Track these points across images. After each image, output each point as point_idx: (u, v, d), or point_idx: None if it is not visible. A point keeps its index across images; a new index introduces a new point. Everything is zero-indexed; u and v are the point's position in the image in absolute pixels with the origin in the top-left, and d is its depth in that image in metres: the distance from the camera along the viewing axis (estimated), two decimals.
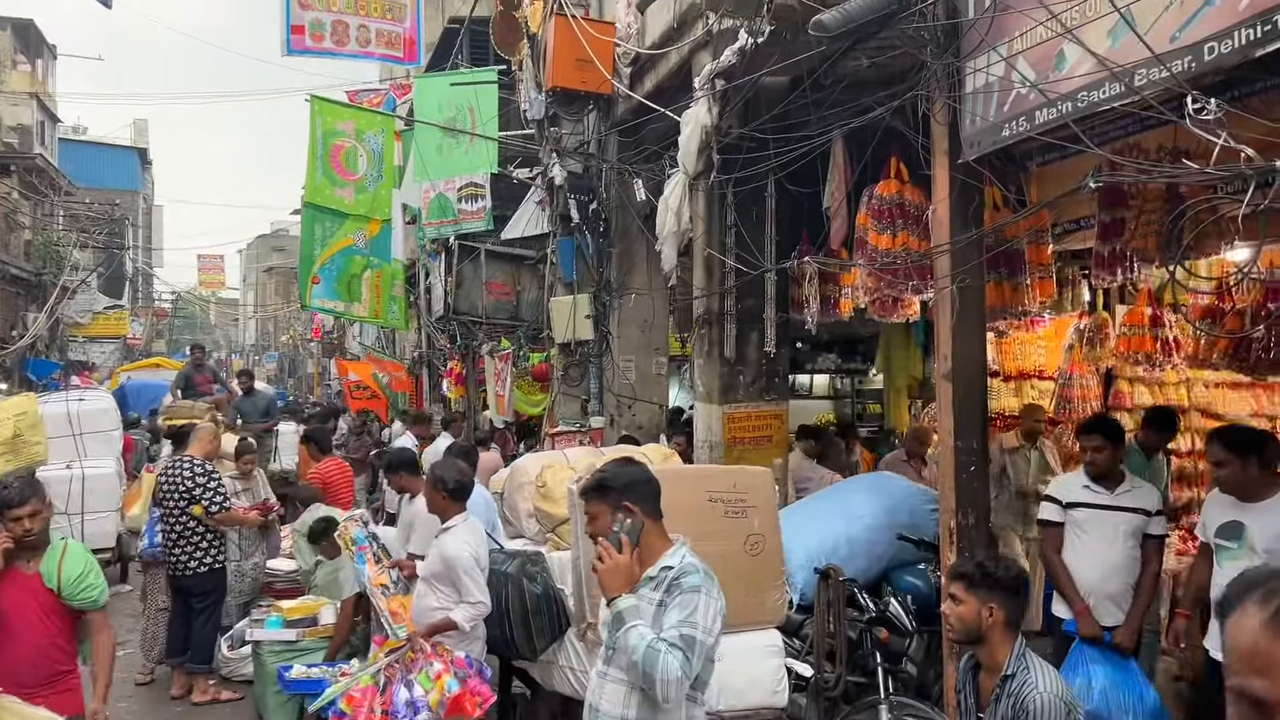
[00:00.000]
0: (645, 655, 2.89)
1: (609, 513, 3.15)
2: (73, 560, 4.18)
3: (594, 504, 3.22)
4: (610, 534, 3.09)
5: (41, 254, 29.04)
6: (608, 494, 3.19)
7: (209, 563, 7.05)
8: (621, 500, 3.15)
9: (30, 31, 33.29)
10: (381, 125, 12.68)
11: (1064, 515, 5.18)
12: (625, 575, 3.05)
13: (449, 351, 18.99)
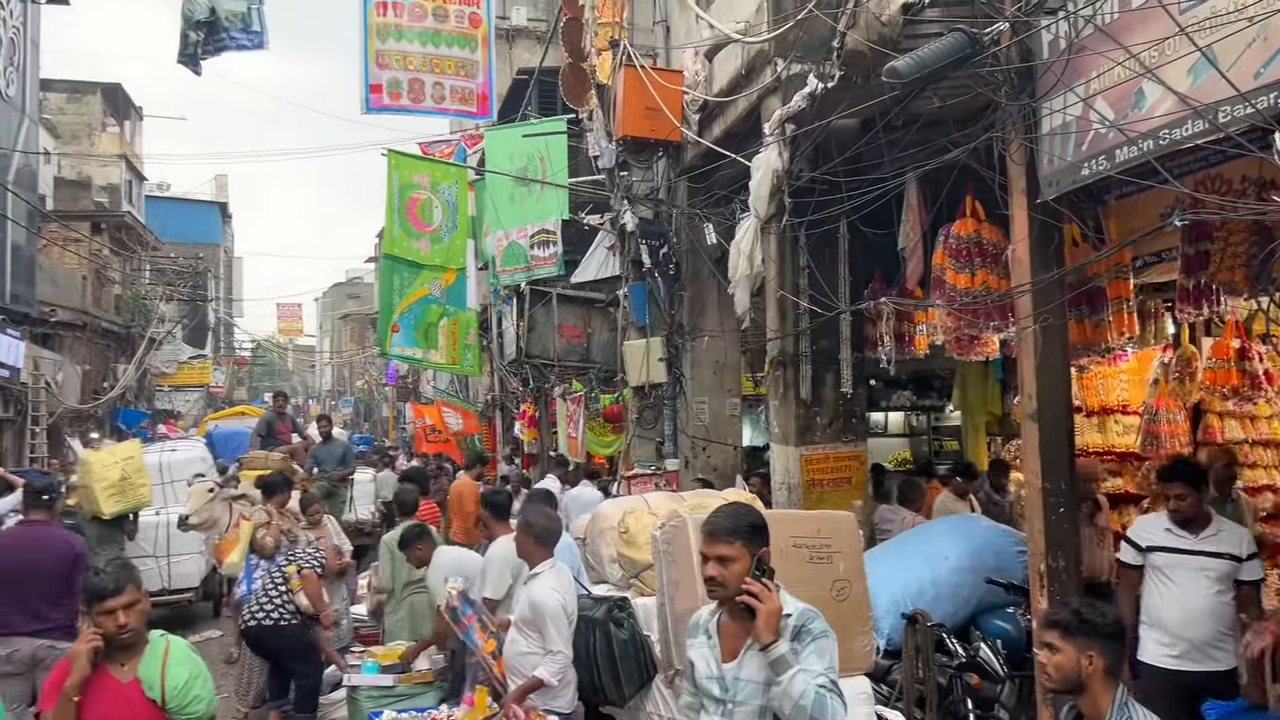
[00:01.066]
0: (815, 701, 2.89)
1: (749, 556, 3.08)
2: (178, 665, 3.59)
3: (735, 546, 3.08)
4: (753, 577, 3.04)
5: (130, 307, 30.18)
6: (755, 536, 3.11)
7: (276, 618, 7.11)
8: (763, 544, 3.11)
9: (119, 95, 34.82)
10: (455, 177, 13.03)
11: (1142, 558, 5.05)
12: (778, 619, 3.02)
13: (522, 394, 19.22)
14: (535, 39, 21.97)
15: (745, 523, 3.14)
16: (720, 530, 3.11)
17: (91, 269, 27.09)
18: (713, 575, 3.09)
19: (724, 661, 3.14)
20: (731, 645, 3.14)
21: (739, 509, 3.28)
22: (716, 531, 3.12)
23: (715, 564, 3.08)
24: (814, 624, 3.06)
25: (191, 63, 10.45)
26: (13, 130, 20.26)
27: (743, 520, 3.15)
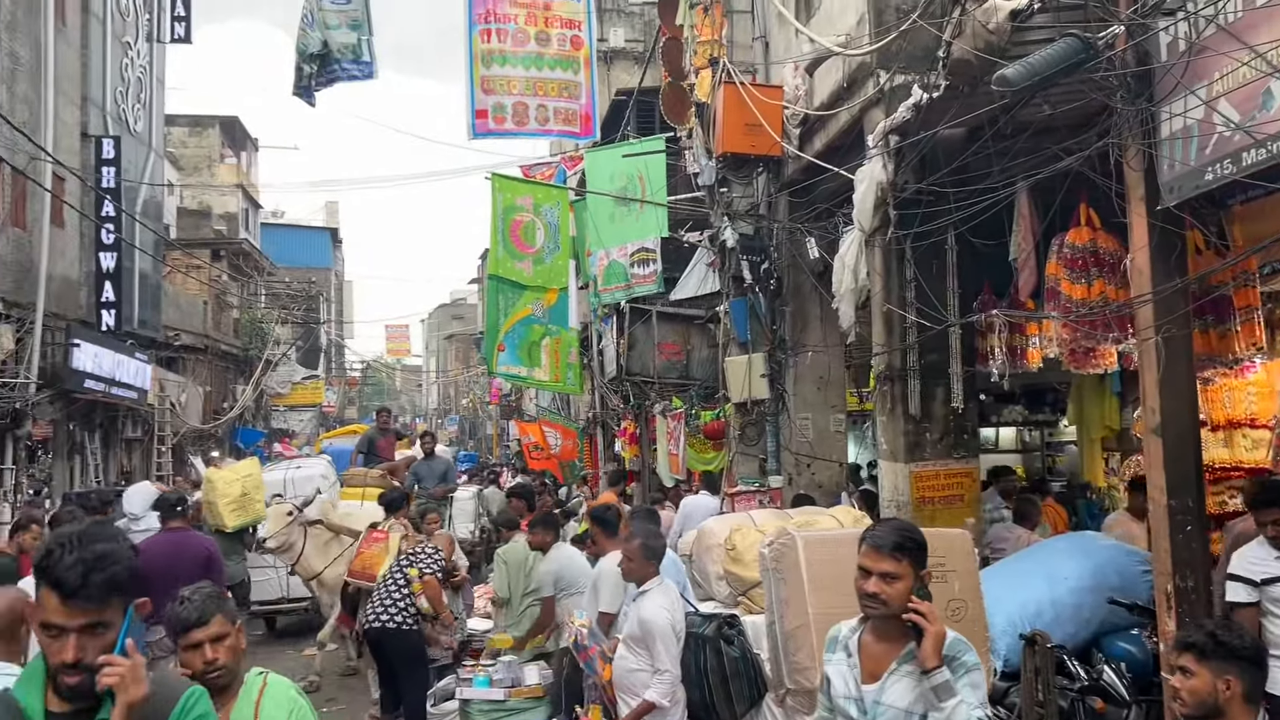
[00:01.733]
0: None
1: (913, 575, 2.98)
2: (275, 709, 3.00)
3: (902, 564, 2.96)
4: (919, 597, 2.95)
5: (248, 331, 31.47)
6: (920, 556, 3.00)
7: (411, 623, 7.32)
8: (924, 565, 3.02)
9: (236, 127, 36.43)
10: (557, 198, 13.24)
11: (1258, 594, 4.75)
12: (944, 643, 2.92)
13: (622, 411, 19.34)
14: (633, 59, 22.21)
15: (913, 540, 3.01)
16: (887, 545, 2.97)
17: (212, 294, 28.34)
18: (874, 591, 2.94)
19: (864, 683, 3.03)
20: (872, 667, 3.03)
21: (904, 525, 3.15)
22: (882, 546, 2.98)
23: (878, 580, 2.94)
24: (966, 655, 2.94)
25: (306, 94, 10.89)
26: (140, 164, 21.36)
27: (910, 537, 3.02)
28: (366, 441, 13.75)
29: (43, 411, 16.65)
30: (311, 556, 9.55)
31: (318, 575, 9.59)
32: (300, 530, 9.41)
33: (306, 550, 9.52)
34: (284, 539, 9.26)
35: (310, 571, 9.60)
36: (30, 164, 15.56)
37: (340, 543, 9.62)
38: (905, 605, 2.92)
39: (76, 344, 16.85)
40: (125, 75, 21.09)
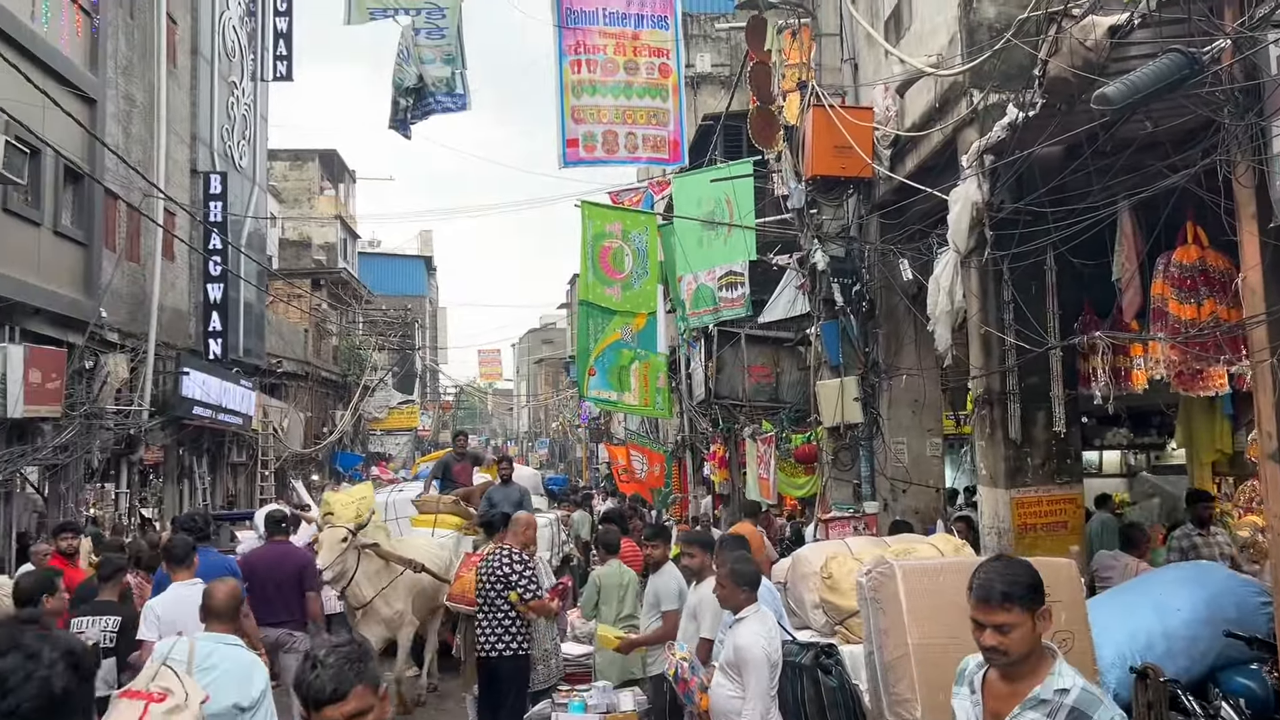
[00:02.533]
0: None
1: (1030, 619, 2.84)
2: None
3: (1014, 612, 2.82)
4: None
5: (346, 357, 32.35)
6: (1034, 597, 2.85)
7: (515, 648, 7.40)
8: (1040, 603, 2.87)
9: (334, 160, 37.63)
10: (645, 224, 13.34)
11: None
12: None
13: (711, 435, 19.30)
14: (719, 84, 22.29)
15: (1020, 584, 2.86)
16: (994, 597, 2.83)
17: (312, 322, 29.24)
18: (992, 645, 2.83)
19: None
20: (995, 707, 2.91)
21: (1010, 569, 2.97)
22: (990, 598, 2.84)
23: (994, 633, 2.83)
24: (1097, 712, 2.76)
25: (402, 127, 11.21)
26: (245, 197, 22.22)
27: (1018, 582, 2.87)
28: (442, 466, 13.07)
29: (154, 437, 17.36)
30: (362, 583, 8.93)
31: (366, 604, 9.00)
32: (354, 555, 8.88)
33: (357, 576, 8.93)
34: (340, 568, 8.64)
35: (359, 599, 8.99)
36: (144, 200, 16.32)
37: (390, 571, 9.12)
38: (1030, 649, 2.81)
39: (186, 372, 17.56)
40: (231, 113, 22.01)
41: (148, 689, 4.12)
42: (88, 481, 15.06)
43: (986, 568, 3.00)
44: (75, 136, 13.36)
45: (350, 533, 8.69)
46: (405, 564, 9.10)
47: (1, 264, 12.32)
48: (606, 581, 7.79)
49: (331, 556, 8.48)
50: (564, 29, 10.68)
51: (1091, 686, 2.84)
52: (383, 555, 9.05)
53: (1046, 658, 2.85)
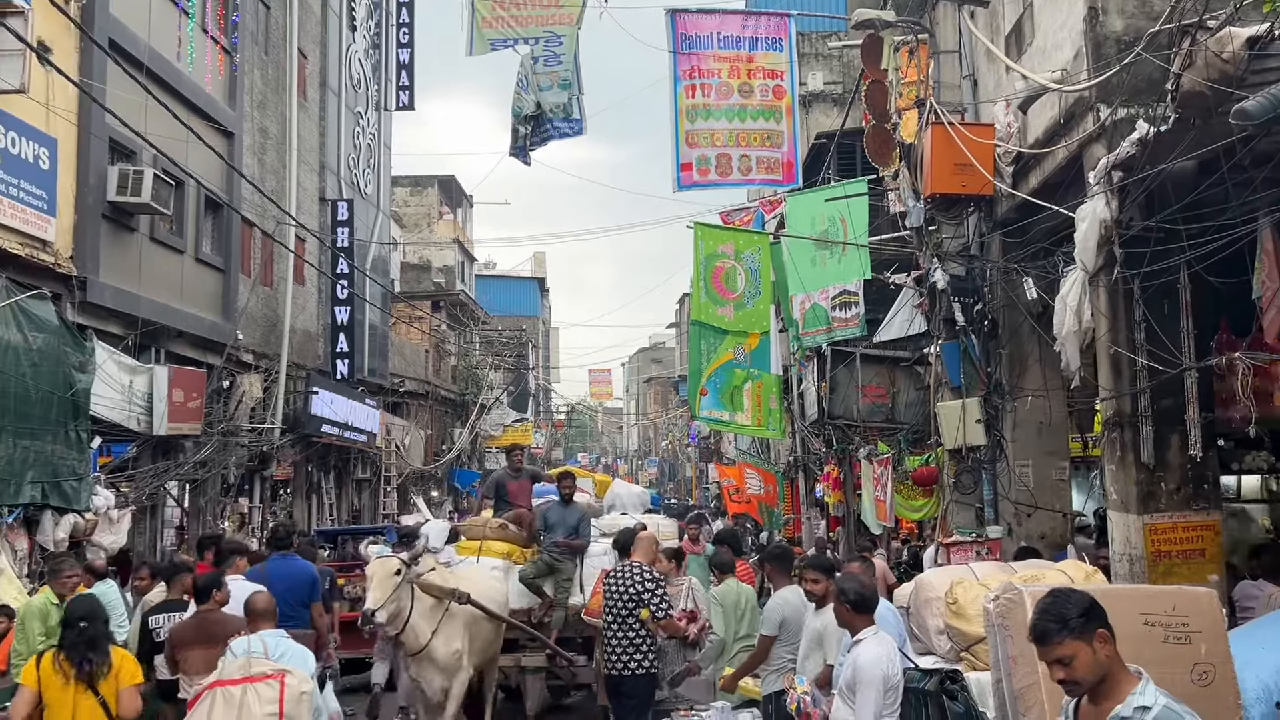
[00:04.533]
0: None
1: (1089, 644, 2.93)
2: None
3: (1069, 644, 2.94)
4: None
5: (464, 376, 33.20)
6: (1088, 623, 2.94)
7: (646, 666, 7.48)
8: (1097, 628, 2.95)
9: (453, 186, 38.73)
10: (758, 244, 13.37)
11: None
12: None
13: (825, 456, 19.09)
14: (832, 102, 22.16)
15: (1067, 617, 2.98)
16: (1049, 634, 2.98)
17: (432, 343, 30.11)
18: (1062, 679, 2.99)
19: None
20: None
21: (1056, 602, 3.08)
22: (1042, 639, 3.00)
23: (1059, 667, 2.98)
24: None
25: (521, 154, 11.54)
26: (369, 223, 23.09)
27: (1064, 615, 2.99)
28: (494, 485, 10.93)
29: (285, 454, 18.13)
30: (419, 624, 7.54)
31: (424, 648, 7.60)
32: (409, 591, 7.44)
33: (413, 617, 7.49)
34: (394, 606, 7.20)
35: (417, 643, 7.57)
36: (277, 228, 17.14)
37: (440, 606, 7.74)
38: (1099, 673, 2.92)
39: (315, 391, 18.31)
40: (357, 142, 22.93)
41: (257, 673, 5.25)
42: (224, 496, 15.81)
43: (1037, 607, 3.12)
44: (214, 168, 14.14)
45: (404, 564, 7.41)
46: (447, 595, 7.78)
47: (149, 290, 13.10)
48: (726, 600, 7.81)
49: (384, 594, 7.08)
50: (679, 54, 10.84)
51: (1176, 705, 2.89)
52: (425, 587, 7.66)
53: (1131, 678, 2.95)
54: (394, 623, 7.28)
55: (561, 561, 9.30)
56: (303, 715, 5.24)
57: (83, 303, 11.47)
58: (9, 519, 9.85)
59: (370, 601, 7.10)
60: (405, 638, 7.51)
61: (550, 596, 9.22)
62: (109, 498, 11.54)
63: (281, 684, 5.22)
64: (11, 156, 10.11)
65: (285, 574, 8.10)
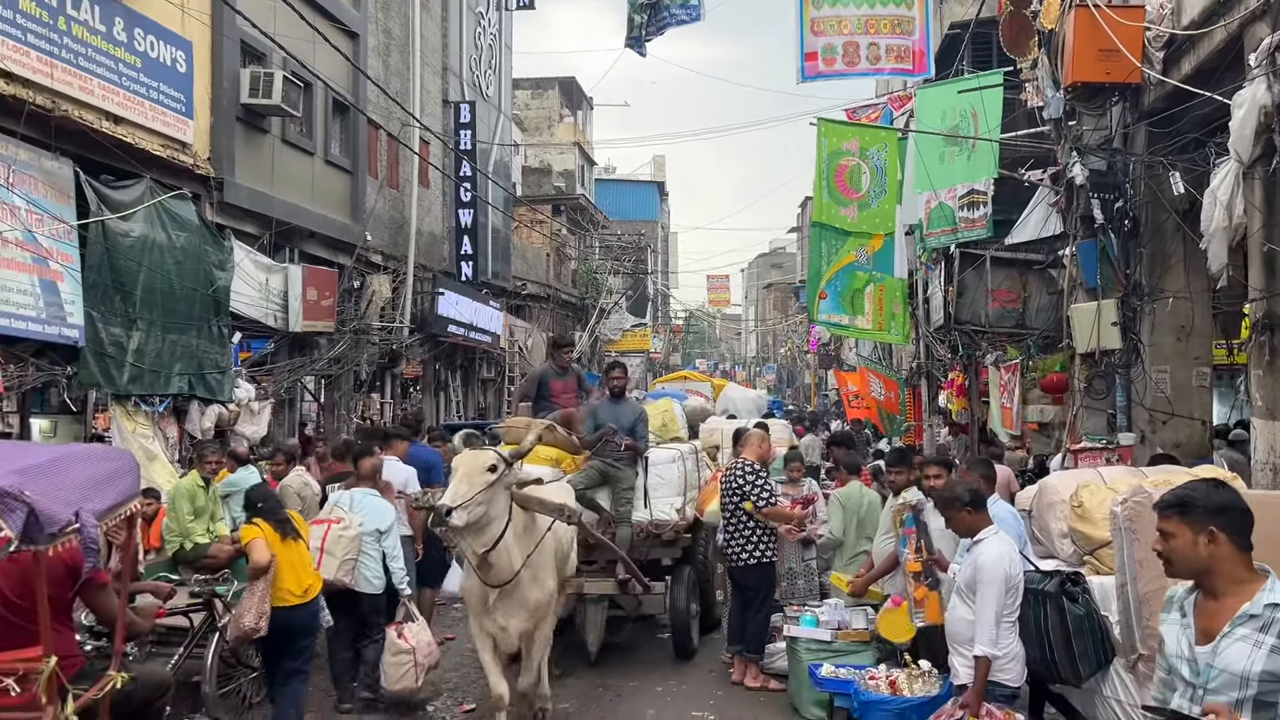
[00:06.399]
0: None
1: (1189, 534, 2.89)
2: None
3: (1173, 522, 2.93)
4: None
5: (584, 281, 33.50)
6: (1192, 513, 2.90)
7: (758, 556, 7.62)
8: (1209, 524, 2.87)
9: (573, 88, 38.52)
10: (885, 140, 12.88)
11: None
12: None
13: (949, 362, 18.64)
14: None
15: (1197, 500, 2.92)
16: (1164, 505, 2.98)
17: (553, 247, 30.39)
18: (1158, 550, 2.99)
19: (1198, 644, 2.90)
20: (1206, 625, 2.89)
21: (1196, 486, 3.03)
22: (1161, 505, 3.00)
23: (1160, 539, 2.98)
24: None
25: (637, 45, 11.32)
26: (492, 126, 23.21)
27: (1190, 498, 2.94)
28: (535, 382, 9.42)
29: (414, 353, 18.74)
30: (511, 547, 6.04)
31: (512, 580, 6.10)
32: (504, 500, 5.97)
33: (507, 536, 5.96)
34: (480, 511, 5.71)
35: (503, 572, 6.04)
36: (402, 130, 17.39)
37: (535, 530, 6.33)
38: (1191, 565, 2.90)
39: (441, 293, 18.77)
40: (479, 44, 22.93)
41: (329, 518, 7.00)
42: (356, 391, 16.49)
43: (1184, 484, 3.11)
44: (340, 70, 14.37)
45: (503, 461, 5.91)
46: (556, 513, 6.45)
47: (281, 191, 13.54)
48: (848, 502, 7.81)
49: (469, 490, 5.63)
50: None
51: None
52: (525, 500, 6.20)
53: (1258, 578, 2.85)
54: (475, 533, 5.77)
55: (619, 468, 8.05)
56: (337, 549, 6.71)
57: (220, 203, 11.94)
58: (160, 408, 10.52)
59: (449, 495, 5.63)
60: (495, 560, 5.93)
61: (607, 510, 7.93)
62: (250, 390, 12.19)
63: (328, 527, 6.79)
64: (151, 60, 10.47)
65: (416, 457, 8.86)
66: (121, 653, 4.44)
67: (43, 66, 8.87)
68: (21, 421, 9.20)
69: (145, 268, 10.22)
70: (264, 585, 5.87)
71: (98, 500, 3.82)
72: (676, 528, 8.10)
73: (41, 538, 3.45)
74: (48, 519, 3.45)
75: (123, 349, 9.93)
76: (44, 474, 3.68)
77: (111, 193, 9.85)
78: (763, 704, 7.30)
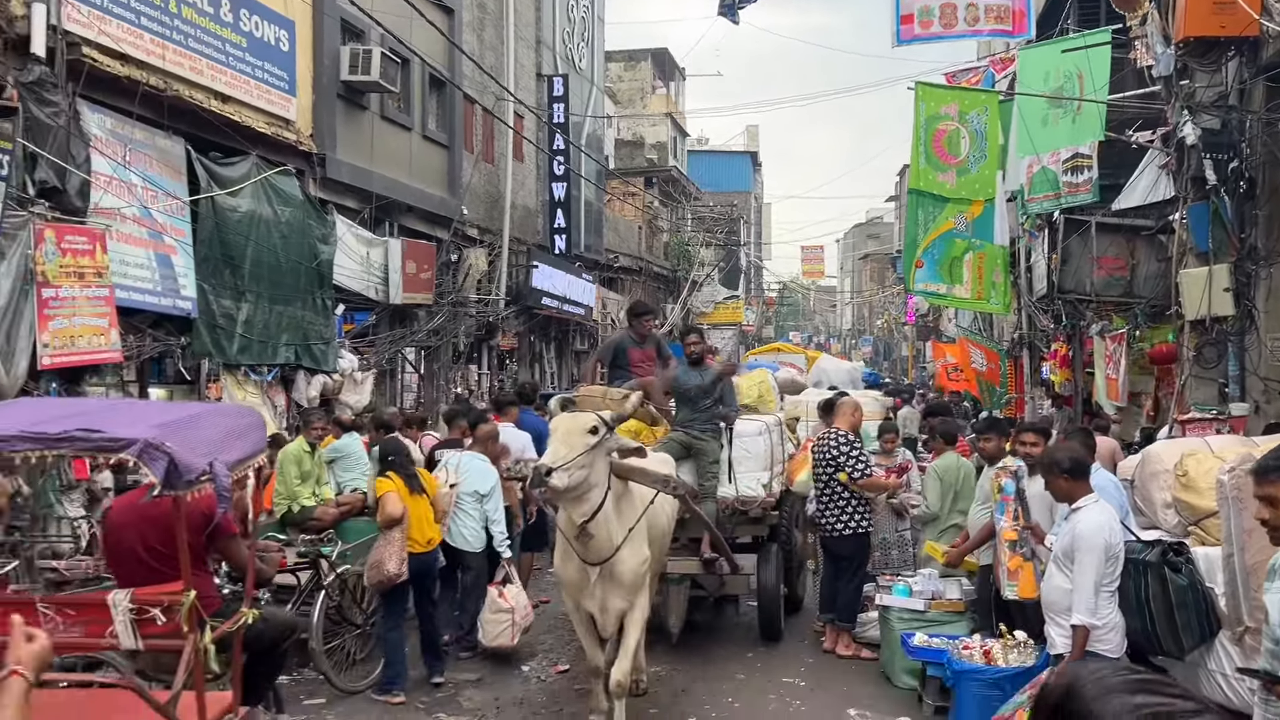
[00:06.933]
0: None
1: None
2: None
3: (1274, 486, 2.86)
4: None
5: (675, 253, 33.46)
6: None
7: (853, 527, 7.58)
8: None
9: (665, 59, 38.32)
10: (985, 103, 12.55)
11: None
12: None
13: (1052, 333, 18.13)
14: None
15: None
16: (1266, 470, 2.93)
17: (645, 219, 30.41)
18: (1264, 518, 2.93)
19: None
20: None
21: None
22: (1262, 470, 2.95)
23: (1264, 505, 2.91)
24: None
25: (730, 13, 11.24)
26: (584, 99, 23.30)
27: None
28: (611, 349, 8.78)
29: (509, 325, 19.04)
30: (611, 519, 5.67)
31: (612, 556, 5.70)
32: (604, 466, 5.60)
33: (607, 506, 5.59)
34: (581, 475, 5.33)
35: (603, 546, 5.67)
36: (496, 104, 17.60)
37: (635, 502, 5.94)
38: None
39: (536, 265, 19.01)
40: (571, 16, 22.99)
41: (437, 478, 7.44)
42: (454, 363, 16.85)
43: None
44: (436, 46, 14.59)
45: (604, 425, 5.53)
46: (660, 485, 6.08)
47: (381, 166, 13.86)
48: (945, 473, 7.69)
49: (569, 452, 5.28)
50: None
51: None
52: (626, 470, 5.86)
53: None
54: (575, 500, 5.44)
55: (704, 440, 7.56)
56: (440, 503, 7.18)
57: (323, 178, 12.29)
58: (268, 377, 10.94)
59: (548, 456, 5.29)
60: (595, 531, 5.56)
61: (690, 485, 7.12)
62: (353, 360, 12.58)
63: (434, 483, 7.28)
64: (256, 39, 10.81)
65: (528, 424, 9.36)
66: (253, 595, 4.84)
67: (155, 48, 9.23)
68: (140, 390, 9.66)
69: (253, 242, 10.61)
70: (400, 534, 6.45)
71: (229, 453, 4.21)
72: (764, 504, 7.75)
73: (180, 485, 3.81)
74: (186, 468, 3.81)
75: (233, 320, 10.34)
76: (183, 428, 4.06)
77: (220, 169, 10.24)
78: (854, 672, 7.29)
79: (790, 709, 6.58)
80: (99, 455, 4.00)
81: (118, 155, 8.82)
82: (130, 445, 3.76)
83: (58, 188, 8.02)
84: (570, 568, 5.91)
